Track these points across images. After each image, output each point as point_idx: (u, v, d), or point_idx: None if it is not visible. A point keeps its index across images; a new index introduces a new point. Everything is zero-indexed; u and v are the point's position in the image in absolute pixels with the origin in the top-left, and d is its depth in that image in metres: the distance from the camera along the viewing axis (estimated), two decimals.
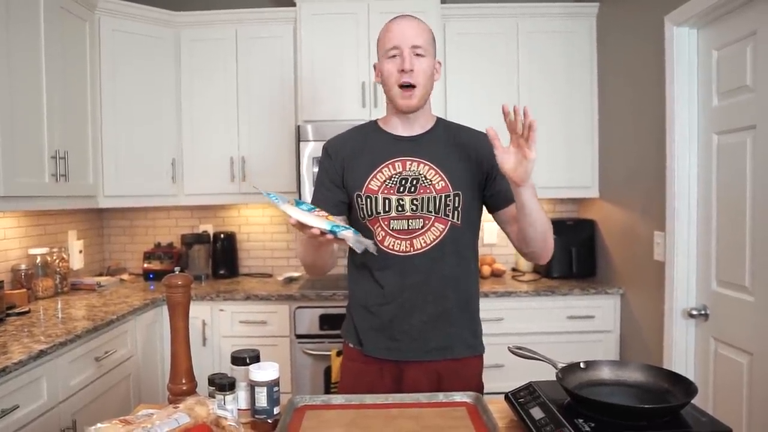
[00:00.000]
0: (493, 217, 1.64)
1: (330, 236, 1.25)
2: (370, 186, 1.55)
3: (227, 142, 3.19)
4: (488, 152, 1.47)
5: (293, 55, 3.14)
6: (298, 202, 1.28)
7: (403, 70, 1.47)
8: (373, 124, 1.66)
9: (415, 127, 1.59)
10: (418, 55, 1.48)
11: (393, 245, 1.54)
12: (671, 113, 2.36)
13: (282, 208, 1.26)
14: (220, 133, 3.19)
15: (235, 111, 3.18)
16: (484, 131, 1.56)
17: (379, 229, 1.55)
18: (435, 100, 2.97)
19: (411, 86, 1.49)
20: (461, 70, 3.14)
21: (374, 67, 1.60)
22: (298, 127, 3.03)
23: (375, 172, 1.55)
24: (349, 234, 1.25)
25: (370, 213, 1.55)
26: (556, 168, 3.17)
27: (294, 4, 3.10)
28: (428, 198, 1.52)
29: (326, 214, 1.29)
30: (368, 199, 1.55)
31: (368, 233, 1.53)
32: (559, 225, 3.23)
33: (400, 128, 1.59)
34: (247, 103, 3.17)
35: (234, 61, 3.16)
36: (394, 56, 1.49)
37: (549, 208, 3.56)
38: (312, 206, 1.30)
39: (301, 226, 1.26)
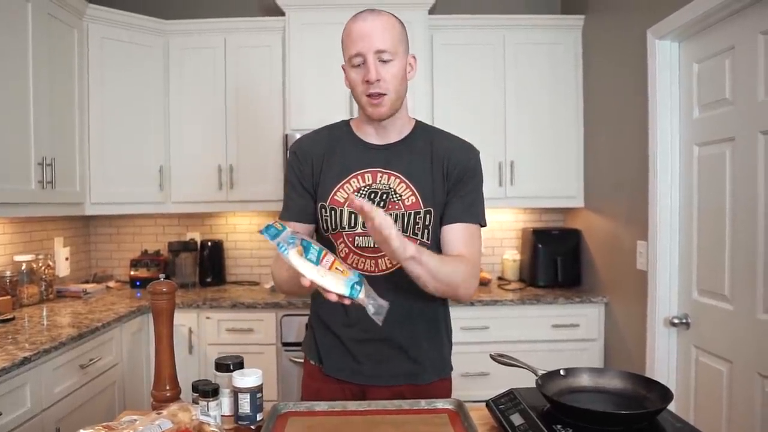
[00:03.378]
0: None
1: (347, 301, 1.14)
2: (335, 197, 1.42)
3: (215, 150, 3.19)
4: (457, 169, 1.44)
5: (282, 64, 3.16)
6: (306, 246, 1.14)
7: (368, 81, 1.34)
8: (345, 126, 1.51)
9: (391, 134, 1.46)
10: (383, 61, 1.34)
11: (357, 263, 1.42)
12: (654, 124, 2.41)
13: (292, 262, 1.12)
14: (208, 140, 3.20)
15: (223, 119, 3.19)
16: (468, 142, 1.52)
17: (343, 245, 1.43)
18: (422, 110, 3.04)
19: (380, 94, 1.35)
20: (448, 80, 3.17)
21: (342, 68, 1.43)
22: (286, 135, 3.04)
23: (343, 182, 1.43)
24: (366, 300, 1.14)
25: (334, 227, 1.43)
26: (542, 178, 3.21)
27: (283, 14, 3.12)
28: (397, 215, 1.41)
29: (333, 258, 1.16)
30: (333, 212, 1.42)
31: (331, 247, 1.38)
32: (544, 234, 3.28)
33: (373, 135, 1.47)
34: (236, 111, 3.18)
35: (223, 69, 3.18)
36: (358, 65, 1.35)
37: (535, 218, 3.59)
38: (319, 249, 1.15)
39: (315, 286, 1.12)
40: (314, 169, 1.46)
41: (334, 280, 1.13)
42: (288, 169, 1.52)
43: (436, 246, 1.47)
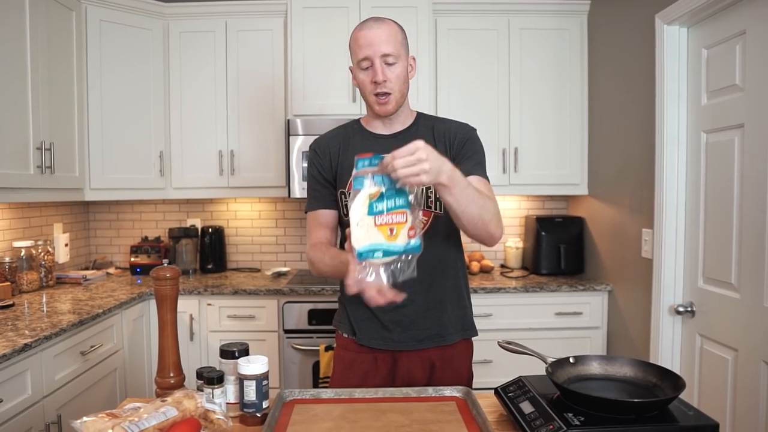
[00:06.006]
0: None
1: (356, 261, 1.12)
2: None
3: (216, 136, 3.16)
4: (457, 139, 1.59)
5: (283, 48, 3.12)
6: (384, 195, 1.11)
7: (376, 82, 1.50)
8: (356, 123, 1.69)
9: (396, 125, 1.63)
10: (388, 63, 1.51)
11: None
12: (661, 111, 2.38)
13: (351, 205, 1.10)
14: (208, 126, 3.16)
15: (225, 104, 3.15)
16: (469, 125, 1.67)
17: None
18: (426, 95, 3.01)
19: (386, 94, 1.52)
20: (452, 65, 3.14)
21: (350, 70, 1.62)
22: (288, 121, 3.01)
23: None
24: (376, 269, 1.13)
25: None
26: (546, 165, 3.18)
27: None
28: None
29: (401, 221, 1.13)
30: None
31: None
32: (548, 222, 3.26)
33: (381, 127, 1.64)
34: (237, 96, 3.15)
35: (223, 54, 3.13)
36: (366, 68, 1.52)
37: (538, 205, 3.57)
38: (395, 206, 1.13)
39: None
40: (332, 162, 1.63)
41: (366, 236, 1.10)
42: (309, 166, 1.68)
43: (448, 215, 1.56)
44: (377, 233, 1.11)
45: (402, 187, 1.14)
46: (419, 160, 1.14)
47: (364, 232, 1.10)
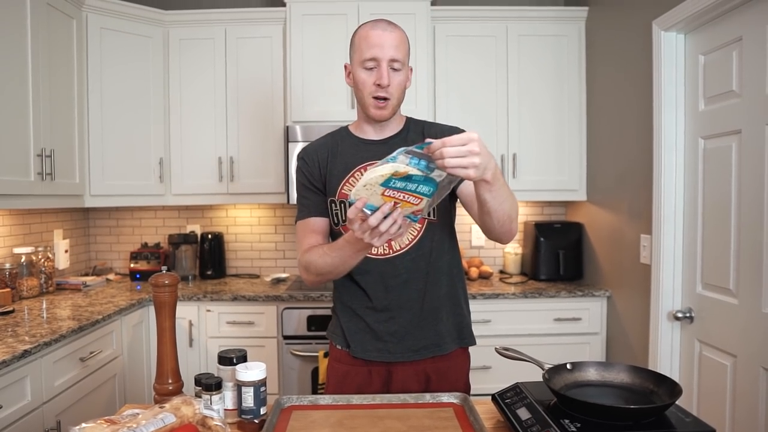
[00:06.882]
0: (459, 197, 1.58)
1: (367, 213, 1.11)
2: (342, 191, 1.54)
3: (215, 142, 3.17)
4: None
5: (283, 55, 3.13)
6: (410, 177, 1.04)
7: (379, 85, 1.46)
8: (345, 130, 1.65)
9: (386, 130, 1.59)
10: (394, 69, 1.47)
11: (371, 249, 1.46)
12: (658, 117, 2.39)
13: (375, 167, 1.04)
14: (208, 133, 3.17)
15: (224, 111, 3.16)
16: (459, 127, 1.61)
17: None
18: (424, 101, 3.03)
19: (385, 99, 1.49)
20: (451, 71, 3.15)
21: (345, 67, 1.57)
22: (287, 127, 3.02)
23: (347, 177, 1.55)
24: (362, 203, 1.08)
25: (344, 219, 1.53)
26: (545, 171, 3.19)
27: (284, 5, 3.09)
28: None
29: (405, 200, 1.08)
30: (342, 204, 1.54)
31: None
32: (546, 228, 3.26)
33: (371, 133, 1.59)
34: (236, 103, 3.16)
35: (223, 61, 3.15)
36: (371, 68, 1.47)
37: (537, 211, 3.58)
38: (412, 188, 1.06)
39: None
40: (321, 170, 1.58)
41: (367, 197, 1.07)
42: (298, 174, 1.63)
43: (444, 221, 1.58)
44: (379, 200, 1.08)
45: (435, 177, 1.07)
46: (471, 153, 1.08)
47: (367, 193, 1.07)
